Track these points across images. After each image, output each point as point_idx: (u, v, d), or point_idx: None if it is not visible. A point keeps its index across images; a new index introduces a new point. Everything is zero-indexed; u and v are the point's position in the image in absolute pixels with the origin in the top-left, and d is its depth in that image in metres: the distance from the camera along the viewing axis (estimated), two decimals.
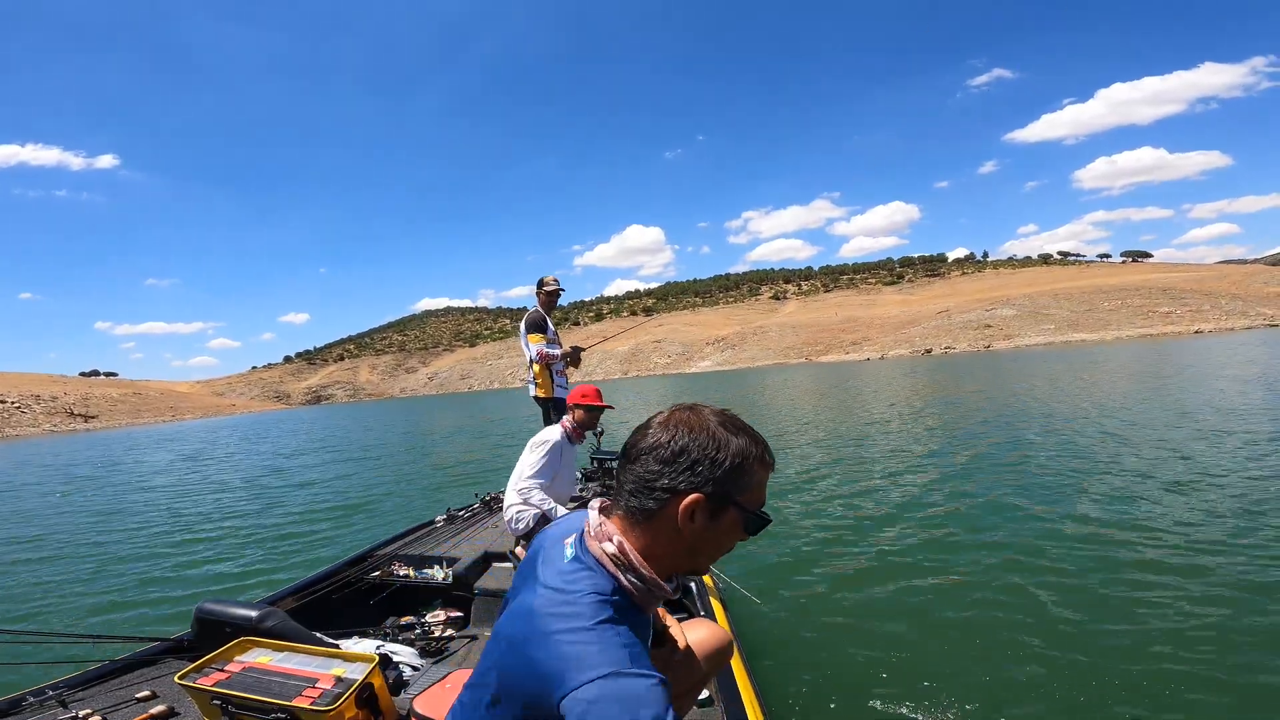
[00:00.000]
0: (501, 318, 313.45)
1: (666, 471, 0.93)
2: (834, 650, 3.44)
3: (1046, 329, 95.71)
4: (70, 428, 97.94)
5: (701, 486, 0.92)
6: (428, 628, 2.95)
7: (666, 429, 0.96)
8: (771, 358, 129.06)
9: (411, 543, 3.96)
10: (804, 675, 3.16)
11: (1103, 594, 3.84)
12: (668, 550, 0.96)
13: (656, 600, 0.98)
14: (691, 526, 0.94)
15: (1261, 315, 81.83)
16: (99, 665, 2.30)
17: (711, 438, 0.94)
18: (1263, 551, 4.24)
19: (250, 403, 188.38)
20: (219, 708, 1.60)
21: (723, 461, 0.93)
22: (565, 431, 3.55)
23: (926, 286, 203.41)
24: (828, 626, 3.74)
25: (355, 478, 12.02)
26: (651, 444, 0.95)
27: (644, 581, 0.95)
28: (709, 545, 0.98)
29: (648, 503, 0.95)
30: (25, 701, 2.02)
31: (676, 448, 0.93)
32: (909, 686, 2.99)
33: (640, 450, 0.97)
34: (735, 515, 0.95)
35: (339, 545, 6.63)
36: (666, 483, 0.93)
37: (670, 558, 0.97)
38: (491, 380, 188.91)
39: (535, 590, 0.93)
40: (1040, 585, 4.03)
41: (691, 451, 0.93)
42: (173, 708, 2.02)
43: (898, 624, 3.69)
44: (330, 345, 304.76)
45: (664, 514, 0.94)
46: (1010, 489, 6.56)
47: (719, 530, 0.96)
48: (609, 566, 0.95)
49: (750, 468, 0.95)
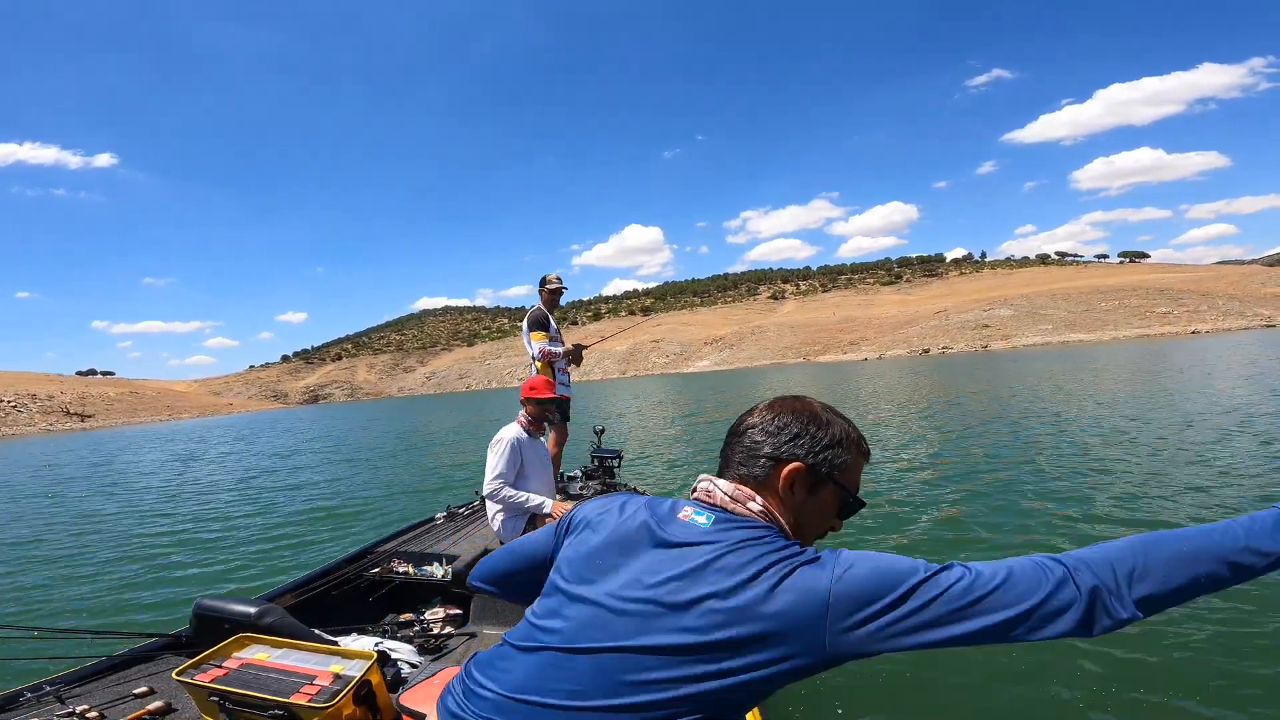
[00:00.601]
0: (500, 317, 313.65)
1: (770, 441, 1.00)
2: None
3: (1044, 329, 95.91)
4: (66, 427, 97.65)
5: (803, 458, 0.98)
6: (427, 625, 2.93)
7: (773, 409, 1.04)
8: (769, 358, 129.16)
9: (411, 540, 3.94)
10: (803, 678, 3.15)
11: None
12: (780, 516, 1.00)
13: None
14: (792, 497, 0.99)
15: (1259, 316, 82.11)
16: (96, 661, 2.28)
17: (814, 417, 1.01)
18: None
19: (248, 402, 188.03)
20: (216, 704, 1.59)
21: (822, 438, 0.99)
22: (521, 427, 3.59)
23: (924, 287, 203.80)
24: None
25: (355, 477, 11.98)
26: (758, 420, 1.03)
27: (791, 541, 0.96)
28: (809, 520, 1.01)
29: (755, 470, 1.00)
30: (23, 697, 2.00)
31: (782, 423, 1.01)
32: (909, 686, 2.99)
33: (748, 425, 1.04)
34: (832, 492, 1.00)
35: (338, 543, 6.61)
36: (770, 451, 0.99)
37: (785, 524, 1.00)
38: (490, 380, 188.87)
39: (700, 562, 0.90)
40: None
41: (794, 426, 1.00)
42: (170, 704, 2.01)
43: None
44: (328, 345, 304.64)
45: (769, 482, 0.99)
46: (1013, 488, 6.56)
47: (817, 505, 1.01)
48: (761, 521, 0.97)
49: (848, 449, 1.01)
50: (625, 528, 1.01)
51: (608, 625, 0.91)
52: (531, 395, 3.61)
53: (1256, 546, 0.78)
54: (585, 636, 0.91)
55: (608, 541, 1.01)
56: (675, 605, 0.87)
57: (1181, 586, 0.79)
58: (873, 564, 0.86)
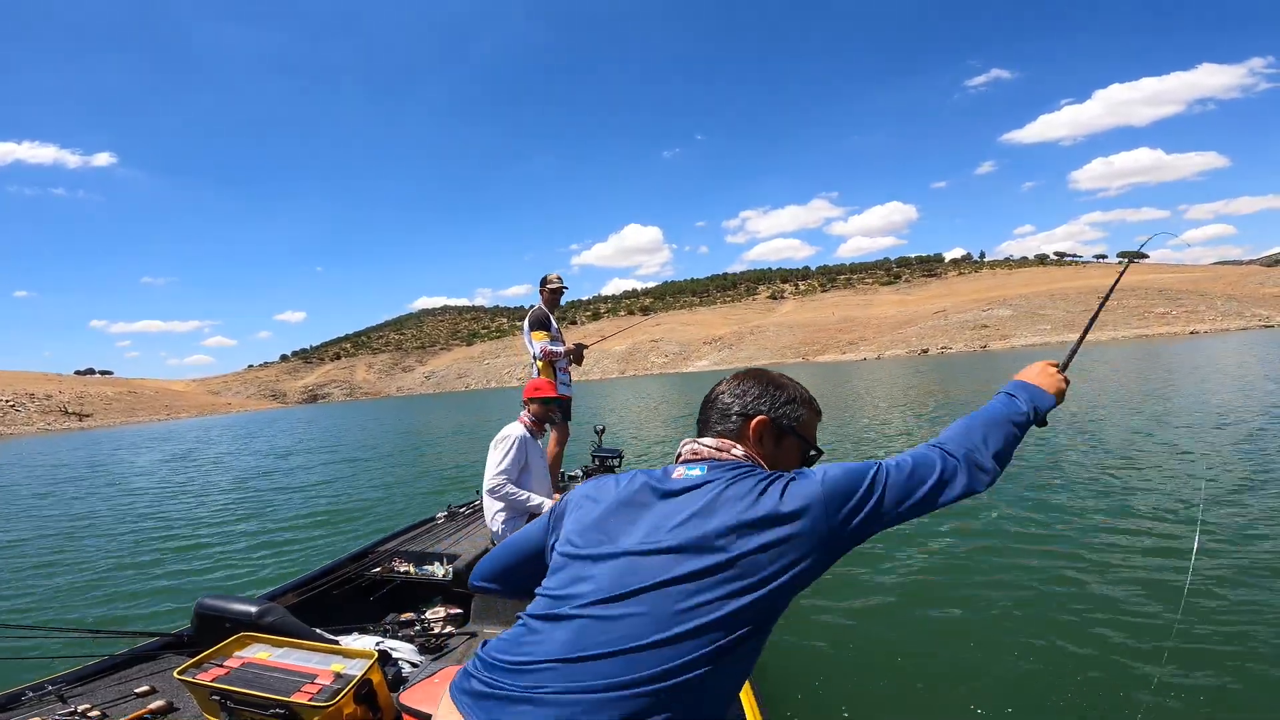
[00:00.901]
0: (499, 317, 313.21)
1: (738, 402, 1.19)
2: (835, 650, 3.43)
3: (1042, 329, 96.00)
4: (64, 426, 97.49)
5: (767, 411, 1.17)
6: (427, 624, 2.93)
7: (738, 378, 1.25)
8: (768, 357, 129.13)
9: (412, 539, 3.94)
10: (803, 674, 3.16)
11: (1110, 597, 3.84)
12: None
13: None
14: (762, 447, 1.16)
15: (1257, 316, 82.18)
16: (98, 660, 2.29)
17: (773, 381, 1.22)
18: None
19: (246, 401, 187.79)
20: (218, 703, 1.60)
21: (779, 395, 1.19)
22: (525, 426, 3.59)
23: (923, 287, 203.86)
24: (828, 626, 3.73)
25: (355, 477, 11.95)
26: (726, 387, 1.23)
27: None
28: (779, 468, 1.15)
29: (729, 426, 1.17)
30: (24, 696, 2.01)
31: (746, 385, 1.21)
32: (910, 686, 2.99)
33: (718, 392, 1.23)
34: (794, 443, 1.19)
35: (339, 542, 6.60)
36: (739, 408, 1.18)
37: None
38: (489, 379, 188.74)
39: (705, 505, 1.02)
40: (1045, 587, 4.02)
41: (755, 388, 1.20)
42: (172, 703, 2.01)
43: (899, 624, 3.68)
44: (327, 344, 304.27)
45: (742, 435, 1.16)
46: (1015, 489, 6.57)
47: (783, 455, 1.18)
48: (747, 463, 1.12)
49: (802, 405, 1.21)
50: (627, 491, 1.09)
51: (642, 569, 0.96)
52: (536, 395, 3.62)
53: (1014, 418, 1.18)
54: (623, 584, 0.94)
55: (614, 505, 1.08)
56: (704, 535, 0.96)
57: (1005, 443, 1.13)
58: (841, 468, 1.03)
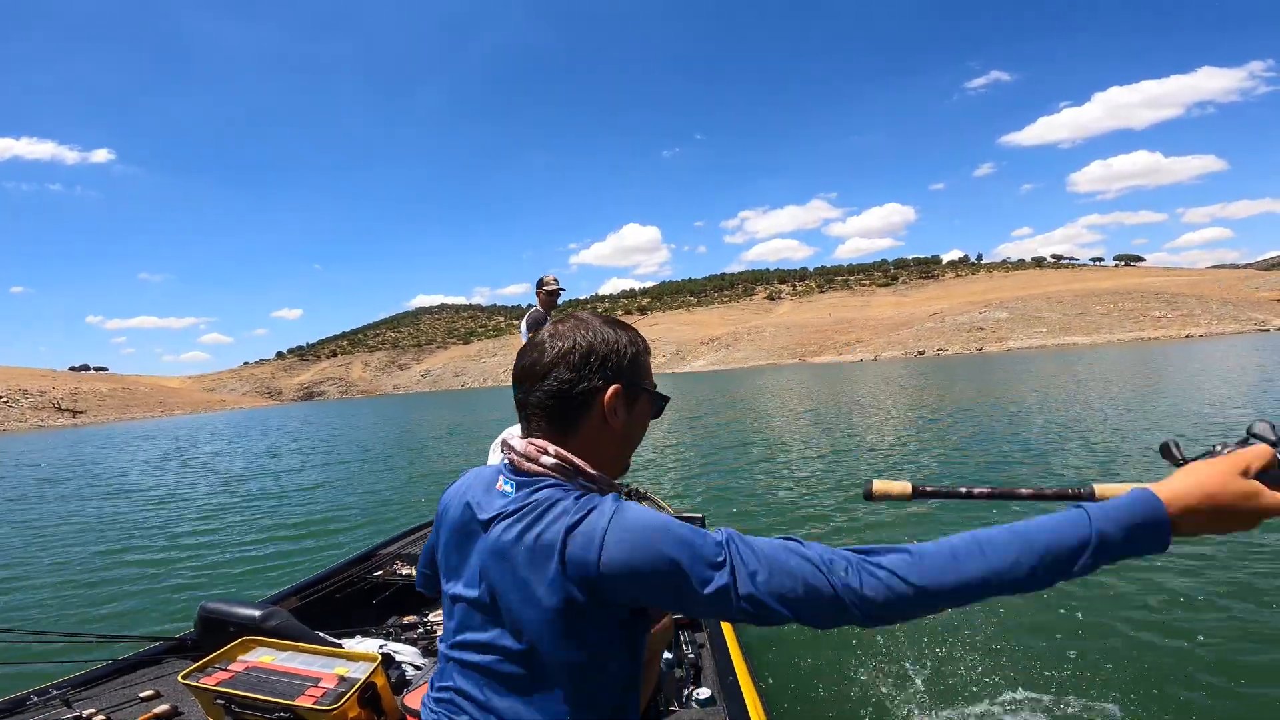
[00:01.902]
0: (496, 315, 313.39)
1: (584, 374, 0.94)
2: (836, 649, 3.45)
3: (1038, 332, 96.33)
4: (57, 423, 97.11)
5: (618, 378, 0.96)
6: (430, 627, 2.93)
7: (564, 338, 0.97)
8: (765, 358, 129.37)
9: (415, 542, 3.94)
10: (806, 674, 3.17)
11: (1106, 595, 3.86)
12: (602, 449, 0.98)
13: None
14: (617, 419, 0.97)
15: (1253, 320, 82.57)
16: (102, 665, 2.29)
17: (605, 334, 0.98)
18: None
19: (241, 398, 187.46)
20: (222, 707, 1.59)
21: (625, 352, 0.98)
22: None
23: (920, 288, 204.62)
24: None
25: (357, 478, 11.95)
26: (558, 353, 0.95)
27: (595, 481, 0.95)
28: (634, 434, 1.03)
29: (571, 409, 0.95)
30: (29, 701, 2.01)
31: (584, 349, 0.95)
32: (911, 686, 3.01)
33: (547, 364, 0.96)
34: (645, 400, 1.02)
35: (341, 546, 6.60)
36: (587, 385, 0.94)
37: (607, 456, 0.99)
38: (485, 378, 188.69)
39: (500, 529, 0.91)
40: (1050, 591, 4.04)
41: (599, 349, 0.96)
42: (176, 707, 2.01)
43: (900, 625, 3.70)
44: (323, 341, 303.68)
45: (591, 415, 0.96)
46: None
47: (636, 417, 1.01)
48: (555, 477, 0.93)
49: (643, 355, 1.02)
50: (461, 516, 1.00)
51: (472, 623, 0.95)
52: None
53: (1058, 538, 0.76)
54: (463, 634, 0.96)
55: (450, 535, 1.03)
56: (505, 605, 0.90)
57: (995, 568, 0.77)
58: (643, 534, 0.82)
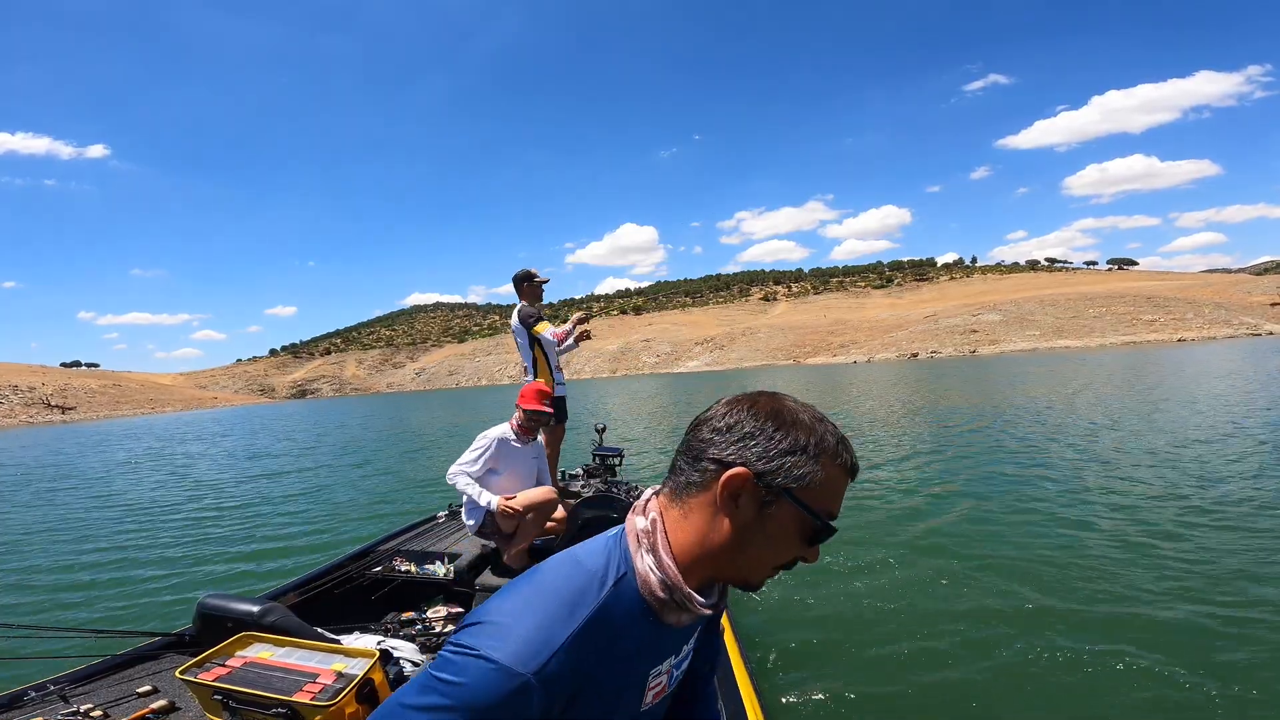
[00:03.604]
0: (491, 314, 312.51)
1: (717, 441, 0.80)
2: (834, 648, 3.45)
3: (1031, 335, 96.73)
4: (46, 419, 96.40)
5: (751, 463, 0.77)
6: (429, 623, 2.93)
7: (733, 403, 0.83)
8: (759, 359, 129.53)
9: (413, 538, 3.95)
10: (804, 673, 3.18)
11: (1106, 597, 3.88)
12: (707, 538, 0.80)
13: (677, 607, 0.81)
14: (735, 511, 0.79)
15: (1244, 324, 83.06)
16: (100, 660, 2.28)
17: (775, 416, 0.80)
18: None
19: (233, 396, 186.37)
20: (220, 702, 1.61)
21: (780, 440, 0.78)
22: (512, 429, 3.55)
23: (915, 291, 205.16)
24: (828, 624, 3.75)
25: (356, 476, 11.90)
26: (710, 413, 0.83)
27: (661, 570, 0.79)
28: (758, 545, 0.80)
29: (693, 475, 0.81)
30: (27, 696, 1.99)
31: (733, 420, 0.80)
32: (909, 686, 3.01)
33: (700, 420, 0.84)
34: (791, 511, 0.78)
35: (340, 542, 6.58)
36: (714, 453, 0.79)
37: (710, 551, 0.81)
38: (479, 377, 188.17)
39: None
40: (1045, 588, 4.06)
41: (747, 424, 0.79)
42: (174, 702, 2.00)
43: (898, 623, 3.71)
44: (317, 339, 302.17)
45: (708, 491, 0.79)
46: (1016, 491, 6.62)
47: (771, 527, 0.79)
48: (630, 543, 0.82)
49: (816, 458, 0.78)
50: None
51: None
52: (522, 404, 3.58)
53: None
54: None
55: None
56: None
57: None
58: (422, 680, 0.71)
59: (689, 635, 0.94)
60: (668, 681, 0.91)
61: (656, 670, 0.87)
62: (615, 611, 0.78)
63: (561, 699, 0.72)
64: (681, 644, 0.92)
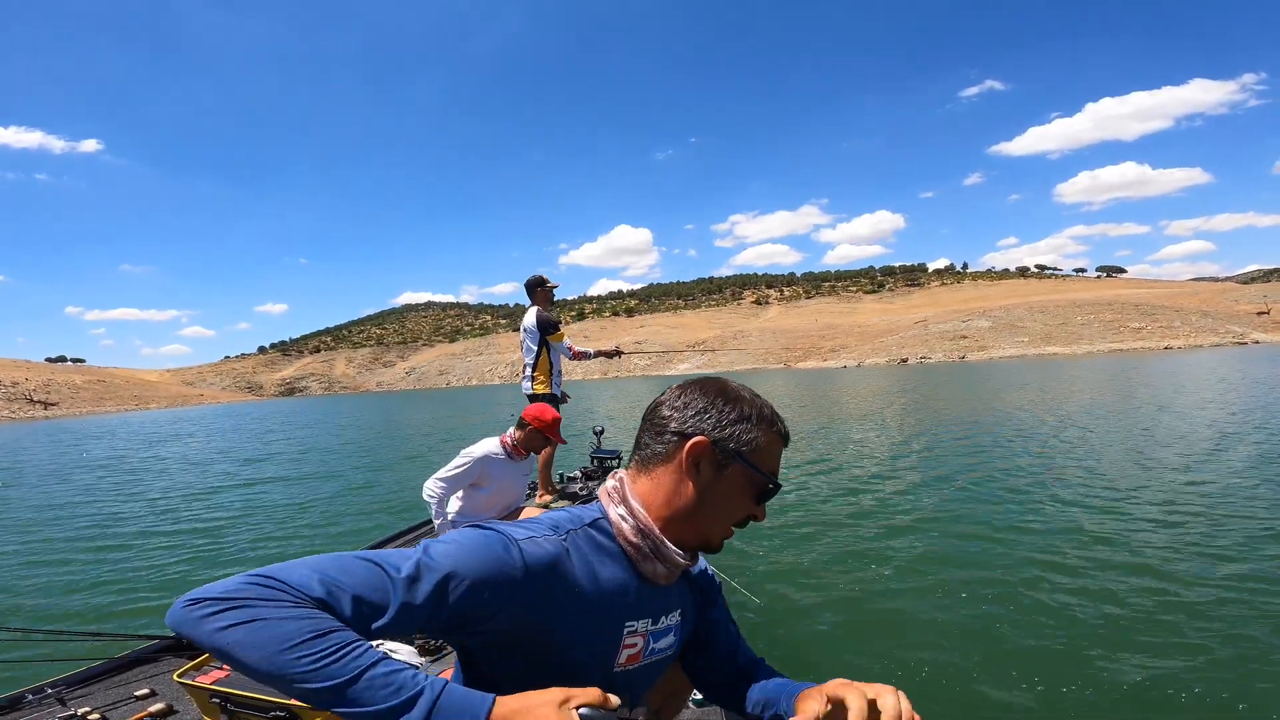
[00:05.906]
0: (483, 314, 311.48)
1: (675, 416, 0.92)
2: (832, 649, 3.48)
3: (1020, 341, 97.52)
4: (29, 415, 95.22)
5: (708, 431, 0.90)
6: None
7: (684, 387, 0.97)
8: (750, 362, 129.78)
9: (411, 540, 3.94)
10: (802, 674, 3.19)
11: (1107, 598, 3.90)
12: (672, 502, 0.92)
13: (652, 556, 0.91)
14: (697, 476, 0.90)
15: (1231, 333, 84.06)
16: (98, 663, 2.27)
17: (722, 393, 0.94)
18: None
19: (220, 393, 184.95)
20: (218, 705, 1.61)
21: (729, 412, 0.92)
22: (505, 447, 3.37)
23: (906, 296, 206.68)
24: (826, 624, 3.78)
25: (354, 476, 11.82)
26: (665, 396, 0.97)
27: (634, 516, 0.91)
28: (717, 504, 0.92)
29: (658, 447, 0.93)
30: (25, 699, 1.99)
31: (689, 397, 0.94)
32: (909, 685, 3.03)
33: (657, 402, 0.97)
34: (742, 472, 0.91)
35: (340, 544, 6.56)
36: (675, 426, 0.92)
37: (676, 513, 0.92)
38: (470, 377, 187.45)
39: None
40: (1043, 588, 4.09)
41: (699, 401, 0.93)
42: (171, 705, 2.00)
43: (897, 623, 3.74)
44: (307, 337, 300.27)
45: (672, 460, 0.91)
46: (1014, 494, 6.67)
47: (725, 487, 0.91)
48: (602, 501, 0.95)
49: (758, 425, 0.92)
50: None
51: None
52: (532, 424, 3.37)
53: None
54: None
55: None
56: None
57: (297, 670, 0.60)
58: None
59: (667, 605, 0.98)
60: (643, 647, 0.93)
61: (632, 626, 0.91)
62: (594, 543, 0.89)
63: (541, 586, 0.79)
64: (660, 613, 0.96)
